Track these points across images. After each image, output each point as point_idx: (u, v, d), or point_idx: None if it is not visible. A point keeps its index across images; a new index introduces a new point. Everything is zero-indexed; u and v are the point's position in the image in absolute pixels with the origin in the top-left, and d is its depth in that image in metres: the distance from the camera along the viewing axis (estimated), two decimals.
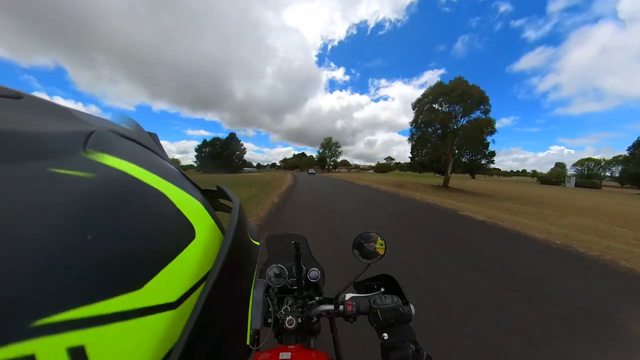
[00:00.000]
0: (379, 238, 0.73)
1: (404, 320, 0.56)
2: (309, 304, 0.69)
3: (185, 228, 0.22)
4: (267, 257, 0.86)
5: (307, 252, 0.85)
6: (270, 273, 0.80)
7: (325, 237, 4.31)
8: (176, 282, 0.19)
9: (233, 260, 0.23)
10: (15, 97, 0.19)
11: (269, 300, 0.67)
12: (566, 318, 2.19)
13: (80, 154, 0.18)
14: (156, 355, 0.17)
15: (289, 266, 0.79)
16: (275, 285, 0.77)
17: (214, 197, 0.35)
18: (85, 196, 0.16)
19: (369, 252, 0.73)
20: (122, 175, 0.19)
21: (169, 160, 0.29)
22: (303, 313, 0.66)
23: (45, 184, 0.15)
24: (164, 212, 0.21)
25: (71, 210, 0.15)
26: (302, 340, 0.68)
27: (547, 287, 2.78)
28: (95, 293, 0.15)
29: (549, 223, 7.34)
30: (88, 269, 0.15)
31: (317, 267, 0.82)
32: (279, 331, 0.67)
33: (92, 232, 0.16)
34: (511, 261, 3.59)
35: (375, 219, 6.44)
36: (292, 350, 0.62)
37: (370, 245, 0.73)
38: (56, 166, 0.16)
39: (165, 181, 0.22)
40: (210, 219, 0.26)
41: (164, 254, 0.19)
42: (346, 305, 0.63)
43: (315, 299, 0.70)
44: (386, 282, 0.70)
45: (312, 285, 0.79)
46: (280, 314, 0.65)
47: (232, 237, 0.23)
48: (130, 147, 0.24)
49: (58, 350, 0.13)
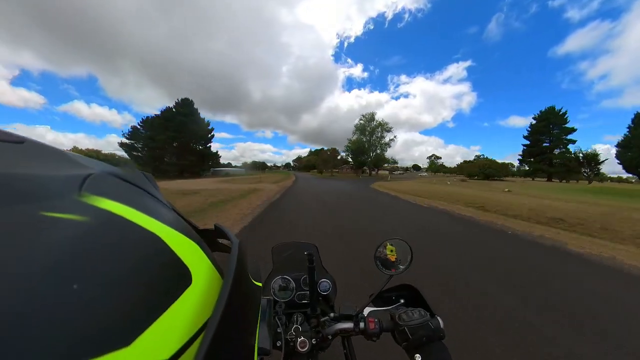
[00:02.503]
0: (406, 245, 0.64)
1: (436, 337, 0.50)
2: (322, 321, 0.60)
3: (182, 272, 0.20)
4: (272, 268, 0.77)
5: (317, 262, 0.76)
6: (275, 286, 0.71)
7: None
8: (171, 334, 0.17)
9: (234, 306, 0.22)
10: (17, 142, 0.20)
11: (277, 320, 0.58)
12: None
13: (74, 197, 0.18)
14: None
15: (295, 277, 0.71)
16: (281, 299, 0.69)
17: (212, 237, 0.34)
18: (75, 241, 0.16)
19: (392, 262, 0.64)
20: (116, 219, 0.19)
21: (164, 201, 0.28)
22: (318, 333, 0.58)
23: (35, 227, 0.15)
24: (158, 256, 0.20)
25: (57, 256, 0.14)
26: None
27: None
28: (75, 353, 0.12)
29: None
30: (69, 324, 0.13)
31: (327, 278, 0.74)
32: (288, 353, 0.58)
33: (78, 280, 0.14)
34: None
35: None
36: None
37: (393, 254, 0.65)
38: (49, 209, 0.16)
39: (160, 223, 0.21)
40: (207, 261, 0.24)
41: (158, 303, 0.17)
42: (368, 322, 0.56)
43: (330, 315, 0.62)
44: (407, 292, 0.64)
45: (322, 298, 0.71)
46: (290, 334, 0.56)
47: (232, 280, 0.22)
48: (126, 189, 0.24)
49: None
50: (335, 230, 5.08)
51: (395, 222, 6.49)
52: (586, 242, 4.77)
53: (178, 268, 0.20)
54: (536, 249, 4.34)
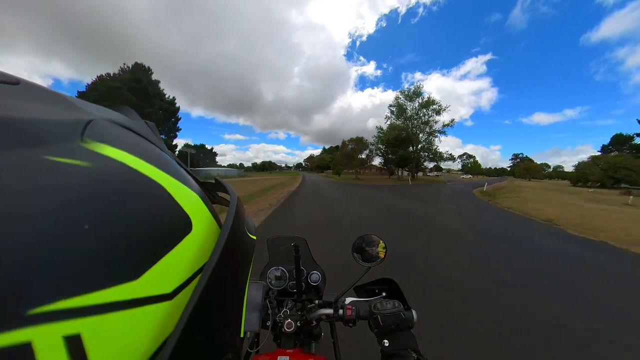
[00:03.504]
0: (381, 241, 0.73)
1: (405, 326, 0.55)
2: (309, 307, 0.68)
3: (183, 220, 0.22)
4: (268, 259, 0.85)
5: (307, 255, 0.84)
6: (271, 275, 0.80)
7: None
8: (172, 273, 0.19)
9: (230, 254, 0.23)
10: (13, 83, 0.19)
11: (268, 303, 0.67)
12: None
13: (77, 143, 0.18)
14: (151, 344, 0.17)
15: (289, 269, 0.79)
16: (275, 287, 0.77)
17: (212, 189, 0.35)
18: (83, 185, 0.16)
19: (370, 256, 0.72)
20: (119, 166, 0.19)
21: (167, 151, 0.28)
22: (302, 316, 0.66)
23: (42, 171, 0.15)
24: (161, 204, 0.21)
25: (68, 199, 0.15)
26: (301, 344, 0.67)
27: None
28: (91, 283, 0.15)
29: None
30: (85, 258, 0.15)
31: (318, 270, 0.82)
32: (278, 334, 0.67)
33: (90, 221, 0.15)
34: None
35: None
36: (291, 354, 0.61)
37: (371, 249, 0.73)
38: (53, 154, 0.16)
39: (163, 172, 0.22)
40: (207, 212, 0.25)
41: (161, 246, 0.19)
42: (346, 309, 0.63)
43: (315, 302, 0.69)
44: (387, 286, 0.69)
45: (313, 288, 0.79)
46: (279, 317, 0.65)
47: (229, 230, 0.23)
48: (128, 137, 0.23)
49: (54, 338, 0.13)
50: None
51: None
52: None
53: (180, 216, 0.21)
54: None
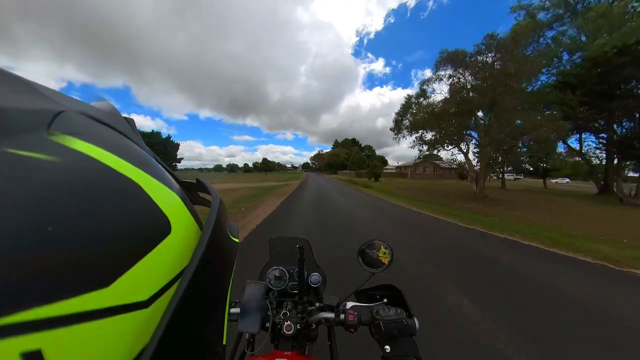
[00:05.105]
0: (385, 247, 0.71)
1: (407, 333, 0.54)
2: (309, 309, 0.67)
3: (161, 222, 0.20)
4: (269, 259, 0.85)
5: (309, 256, 0.83)
6: (271, 275, 0.79)
7: None
8: (148, 279, 0.18)
9: (211, 258, 0.22)
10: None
11: (268, 303, 0.66)
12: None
13: (43, 135, 0.17)
14: (125, 356, 0.16)
15: (289, 269, 0.79)
16: (275, 288, 0.77)
17: (193, 190, 0.34)
18: (47, 182, 0.15)
19: (374, 261, 0.71)
20: (91, 162, 0.18)
21: (145, 149, 0.27)
22: (302, 319, 0.65)
23: (2, 165, 0.14)
24: (137, 203, 0.19)
25: (30, 197, 0.14)
26: (299, 346, 0.66)
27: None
28: (55, 291, 0.13)
29: None
30: (47, 264, 0.13)
31: (319, 272, 0.81)
32: (276, 336, 0.66)
33: (54, 222, 0.14)
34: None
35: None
36: (289, 356, 0.60)
37: (374, 254, 0.71)
38: (15, 146, 0.15)
39: (139, 170, 0.21)
40: (188, 213, 0.24)
41: (136, 249, 0.18)
42: (347, 314, 0.61)
43: (316, 305, 0.68)
44: (390, 293, 0.68)
45: (313, 290, 0.78)
46: (278, 318, 0.64)
47: (210, 233, 0.22)
48: (103, 131, 0.22)
49: (11, 355, 0.12)
50: None
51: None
52: None
53: (157, 217, 0.20)
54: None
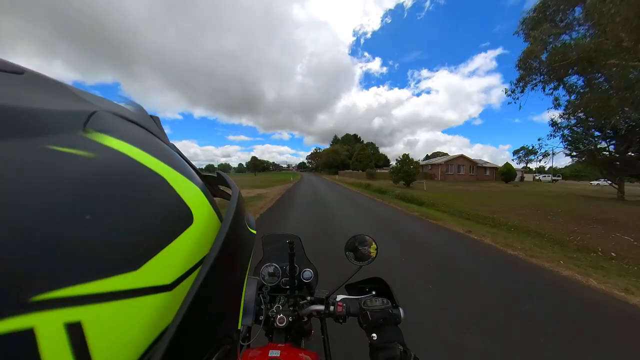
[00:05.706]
0: (373, 242, 0.76)
1: (392, 321, 0.57)
2: (301, 303, 0.70)
3: (184, 213, 0.22)
4: (262, 256, 0.87)
5: (301, 253, 0.86)
6: (265, 272, 0.82)
7: None
8: (172, 265, 0.20)
9: (229, 247, 0.24)
10: (17, 72, 0.19)
11: (261, 298, 0.68)
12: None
13: (80, 133, 0.18)
14: (150, 334, 0.18)
15: (283, 266, 0.81)
16: (268, 283, 0.79)
17: (214, 183, 0.36)
18: (85, 175, 0.17)
19: (362, 255, 0.75)
20: (122, 157, 0.19)
21: (170, 145, 0.29)
22: (294, 312, 0.67)
23: (44, 160, 0.15)
24: (163, 196, 0.21)
25: (71, 189, 0.16)
26: (292, 339, 0.69)
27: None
28: (93, 271, 0.15)
29: None
30: (86, 248, 0.15)
31: (310, 267, 0.84)
32: (269, 329, 0.69)
33: (92, 211, 0.16)
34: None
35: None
36: (282, 348, 0.62)
37: (363, 248, 0.75)
38: (55, 143, 0.16)
39: (165, 165, 0.23)
40: (208, 205, 0.26)
41: (162, 238, 0.19)
42: (336, 306, 0.65)
43: (307, 299, 0.71)
44: (378, 285, 0.71)
45: (305, 285, 0.81)
46: (271, 312, 0.67)
47: (229, 224, 0.24)
48: (132, 129, 0.24)
49: (56, 325, 0.13)
50: None
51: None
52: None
53: (181, 208, 0.22)
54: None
